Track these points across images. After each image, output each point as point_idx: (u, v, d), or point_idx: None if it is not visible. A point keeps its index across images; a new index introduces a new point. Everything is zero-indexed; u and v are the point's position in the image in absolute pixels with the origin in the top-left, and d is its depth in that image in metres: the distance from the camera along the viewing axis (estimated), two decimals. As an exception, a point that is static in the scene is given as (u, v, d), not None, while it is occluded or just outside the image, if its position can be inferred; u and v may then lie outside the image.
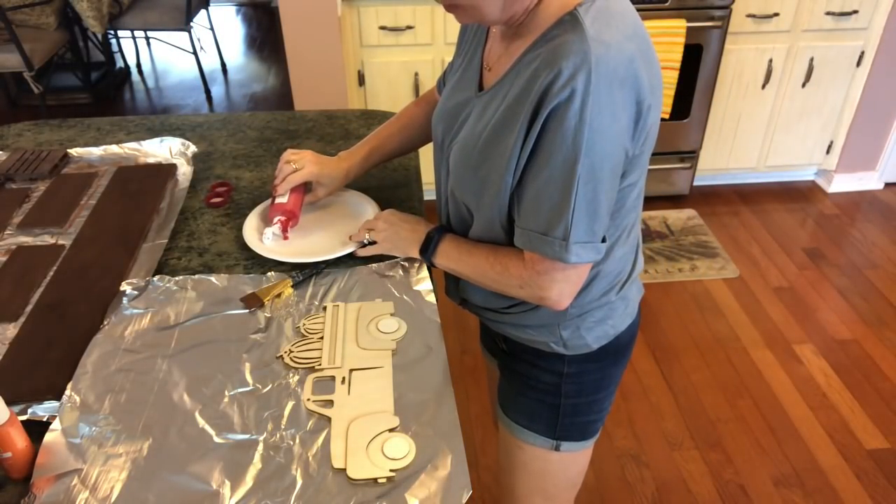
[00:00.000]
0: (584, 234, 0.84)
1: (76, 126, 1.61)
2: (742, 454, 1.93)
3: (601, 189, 0.82)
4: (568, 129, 0.78)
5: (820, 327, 2.38)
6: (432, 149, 1.08)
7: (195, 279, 1.09)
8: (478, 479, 1.83)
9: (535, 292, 0.91)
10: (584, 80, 0.76)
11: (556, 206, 0.83)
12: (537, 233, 0.86)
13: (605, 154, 0.80)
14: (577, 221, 0.83)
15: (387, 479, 0.78)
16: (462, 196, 0.96)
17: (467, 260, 0.98)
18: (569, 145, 0.79)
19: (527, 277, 0.90)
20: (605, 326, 1.03)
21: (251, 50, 4.83)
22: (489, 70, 0.93)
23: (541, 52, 0.81)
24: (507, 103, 0.85)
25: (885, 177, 3.12)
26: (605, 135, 0.79)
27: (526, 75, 0.82)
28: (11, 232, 1.23)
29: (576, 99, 0.77)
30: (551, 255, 0.85)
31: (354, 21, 2.51)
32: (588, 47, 0.76)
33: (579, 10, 0.80)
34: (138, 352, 0.96)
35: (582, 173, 0.80)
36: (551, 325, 1.02)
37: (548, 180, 0.82)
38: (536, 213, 0.85)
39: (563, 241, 0.84)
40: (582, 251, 0.85)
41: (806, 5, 2.64)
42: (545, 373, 1.07)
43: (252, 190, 1.35)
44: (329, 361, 0.94)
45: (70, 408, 0.87)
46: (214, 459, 0.81)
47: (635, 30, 0.82)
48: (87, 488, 0.78)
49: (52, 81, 3.85)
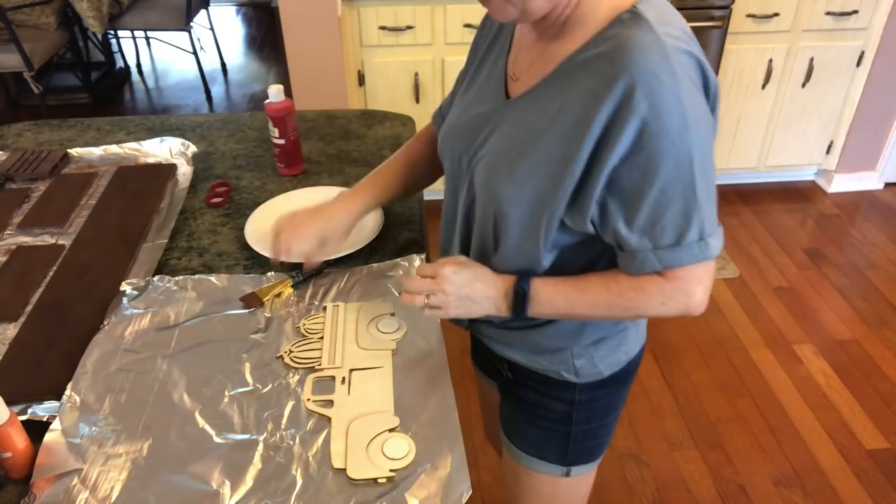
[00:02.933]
0: (712, 223, 0.80)
1: (76, 126, 1.61)
2: (742, 454, 1.93)
3: (711, 170, 0.78)
4: (671, 132, 0.73)
5: (820, 327, 2.38)
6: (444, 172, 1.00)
7: (195, 279, 1.09)
8: (478, 479, 1.83)
9: (682, 302, 0.83)
10: (670, 77, 0.72)
11: (682, 211, 0.77)
12: (669, 247, 0.79)
13: (707, 138, 0.77)
14: (707, 215, 0.78)
15: (387, 479, 0.78)
16: (498, 209, 0.86)
17: (581, 300, 0.87)
18: (678, 148, 0.74)
19: (670, 290, 0.82)
20: (619, 353, 0.99)
21: (251, 50, 4.83)
22: (516, 80, 0.87)
23: (600, 52, 0.75)
24: (564, 107, 0.78)
25: (885, 177, 3.12)
26: (701, 121, 0.75)
27: (586, 78, 0.76)
28: (11, 232, 1.23)
29: (668, 97, 0.72)
30: (693, 260, 0.80)
31: (354, 21, 2.51)
32: (663, 44, 0.72)
33: (639, 8, 0.75)
34: (138, 352, 0.96)
35: (698, 168, 0.76)
36: (563, 353, 0.97)
37: (664, 191, 0.76)
38: (661, 229, 0.78)
39: (699, 241, 0.79)
40: (715, 240, 0.80)
41: (806, 5, 2.64)
42: (555, 402, 1.02)
43: (252, 190, 1.35)
44: (329, 361, 0.94)
45: (70, 408, 0.87)
46: (214, 459, 0.81)
47: (680, 18, 0.79)
48: (87, 488, 0.78)
49: (52, 81, 3.85)
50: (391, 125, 1.60)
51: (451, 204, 0.98)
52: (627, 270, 0.83)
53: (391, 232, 1.21)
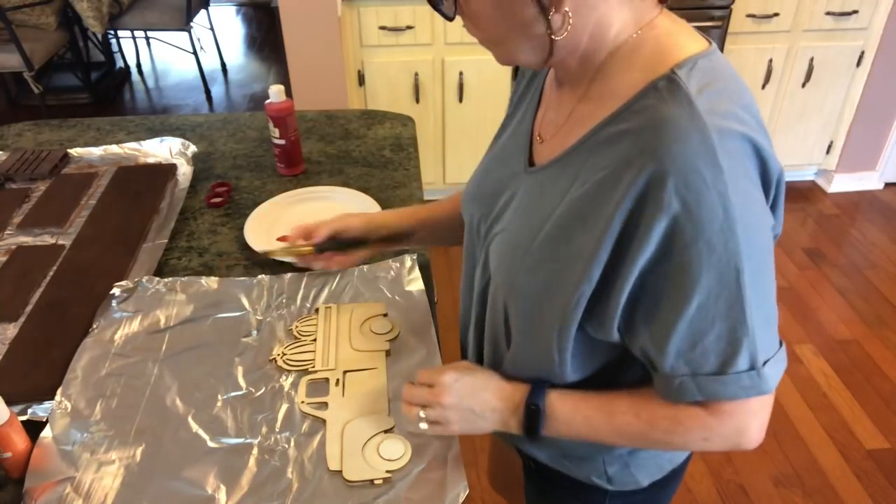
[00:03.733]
0: (768, 349, 0.65)
1: (76, 126, 1.62)
2: (742, 454, 1.93)
3: (770, 285, 0.64)
4: (712, 240, 0.58)
5: (820, 327, 2.37)
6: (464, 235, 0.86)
7: (184, 281, 1.08)
8: (477, 479, 1.83)
9: (731, 439, 0.69)
10: (711, 170, 0.57)
11: (726, 335, 0.62)
12: (710, 375, 0.64)
13: (762, 245, 0.62)
14: (761, 339, 0.63)
15: (383, 480, 0.78)
16: (511, 304, 0.73)
17: (605, 426, 0.72)
18: (721, 256, 0.59)
19: (715, 426, 0.67)
20: (661, 460, 0.84)
21: (251, 50, 4.83)
22: (542, 142, 0.73)
23: (628, 127, 0.61)
24: (583, 192, 0.64)
25: (885, 177, 3.11)
26: (753, 225, 0.60)
27: (609, 158, 0.62)
28: (11, 232, 1.23)
29: (709, 196, 0.57)
30: (742, 394, 0.65)
31: (354, 21, 2.51)
32: (705, 125, 0.57)
33: (679, 74, 0.60)
34: (129, 356, 0.95)
35: (748, 281, 0.60)
36: (594, 459, 0.83)
37: (703, 308, 0.61)
38: (701, 353, 0.63)
39: (750, 370, 0.64)
40: (774, 370, 0.65)
41: (806, 5, 2.64)
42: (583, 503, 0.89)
43: (252, 190, 1.35)
44: (322, 363, 0.93)
45: (61, 414, 0.86)
46: (209, 464, 0.80)
47: (742, 88, 0.63)
48: (81, 496, 0.77)
49: (52, 81, 3.85)
50: (391, 125, 1.60)
51: (467, 285, 0.86)
52: (663, 396, 0.68)
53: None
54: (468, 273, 0.85)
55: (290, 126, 1.35)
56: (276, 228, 1.19)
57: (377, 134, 1.56)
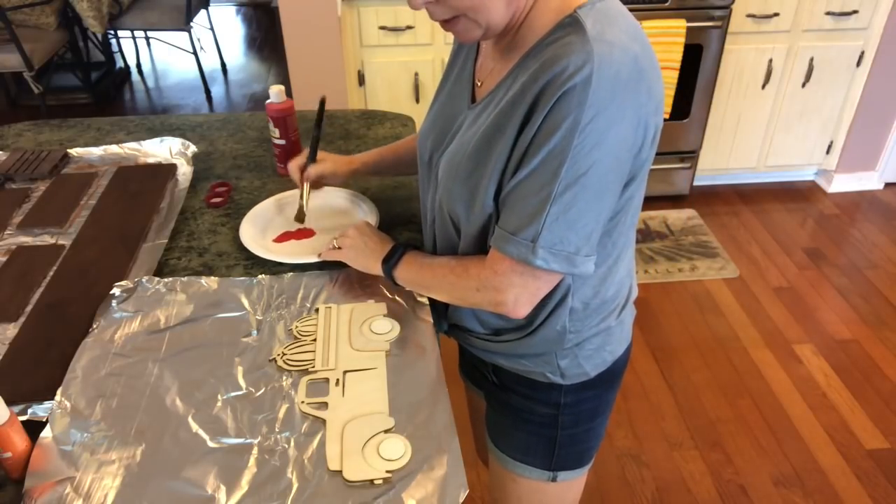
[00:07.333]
0: (555, 241, 0.79)
1: (76, 126, 1.62)
2: (742, 454, 1.93)
3: (585, 198, 0.77)
4: (560, 128, 0.74)
5: (820, 327, 2.38)
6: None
7: (184, 281, 1.08)
8: (476, 477, 1.83)
9: (492, 295, 0.85)
10: (584, 77, 0.72)
11: (531, 206, 0.78)
12: (507, 231, 0.81)
13: (595, 161, 0.75)
14: (550, 226, 0.78)
15: (383, 480, 0.78)
16: (451, 209, 0.91)
17: (429, 268, 0.94)
18: (557, 144, 0.74)
19: (484, 278, 0.85)
20: (604, 353, 0.99)
21: (251, 50, 4.84)
22: (480, 85, 0.91)
23: (539, 55, 0.78)
24: (501, 108, 0.81)
25: (885, 177, 3.12)
26: (600, 141, 0.74)
27: (522, 79, 0.79)
28: (11, 232, 1.23)
29: (573, 96, 0.73)
30: (515, 255, 0.80)
31: (354, 21, 2.51)
32: (591, 46, 0.73)
33: (579, 12, 0.76)
34: (129, 356, 0.95)
35: (565, 177, 0.75)
36: (548, 355, 0.97)
37: (530, 177, 0.78)
38: (513, 212, 0.80)
39: (530, 242, 0.79)
40: (550, 257, 0.79)
41: (806, 5, 2.64)
42: (541, 405, 1.03)
43: (252, 190, 1.35)
44: (322, 363, 0.93)
45: (61, 414, 0.86)
46: (209, 464, 0.80)
47: (637, 31, 0.79)
48: (81, 496, 0.76)
49: (52, 81, 3.85)
50: (391, 125, 1.60)
51: (423, 202, 1.03)
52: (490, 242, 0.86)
53: (390, 232, 1.20)
54: (424, 201, 1.03)
55: (290, 126, 1.35)
56: (270, 230, 1.20)
57: (377, 134, 1.56)
